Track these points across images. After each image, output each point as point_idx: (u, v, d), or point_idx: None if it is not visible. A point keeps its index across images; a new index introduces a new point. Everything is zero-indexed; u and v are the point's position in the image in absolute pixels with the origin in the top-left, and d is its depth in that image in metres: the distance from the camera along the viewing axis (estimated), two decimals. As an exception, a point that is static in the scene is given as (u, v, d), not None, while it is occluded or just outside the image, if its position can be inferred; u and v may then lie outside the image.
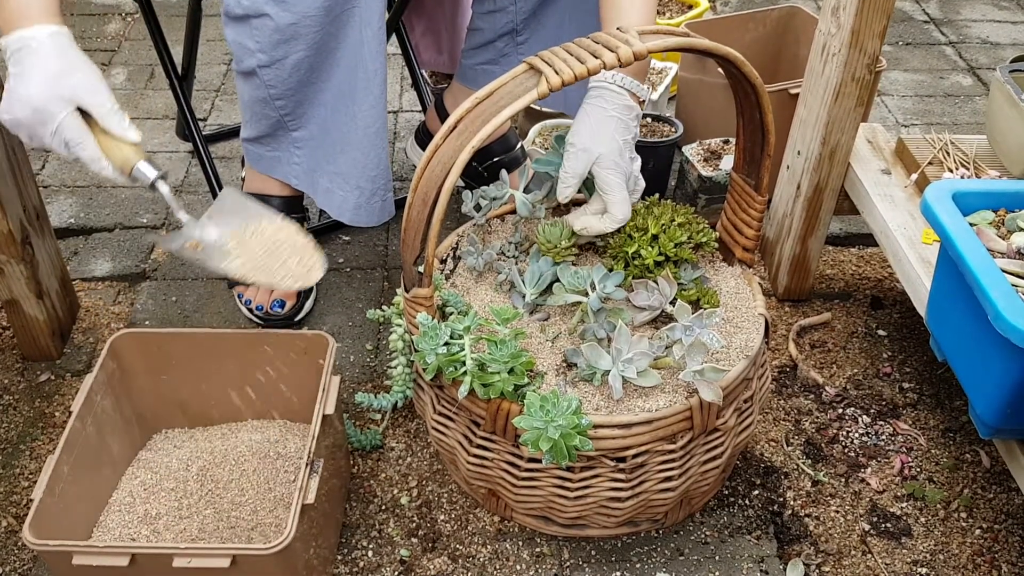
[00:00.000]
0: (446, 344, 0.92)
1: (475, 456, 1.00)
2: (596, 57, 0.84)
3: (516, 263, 1.11)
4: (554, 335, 1.02)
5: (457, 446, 1.01)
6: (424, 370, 0.95)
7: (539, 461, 0.96)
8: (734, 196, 1.08)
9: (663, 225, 1.06)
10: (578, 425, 0.88)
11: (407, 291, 0.95)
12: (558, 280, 1.05)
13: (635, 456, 0.95)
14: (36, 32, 0.95)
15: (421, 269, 0.92)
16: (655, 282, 1.02)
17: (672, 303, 1.01)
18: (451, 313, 1.00)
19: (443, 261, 1.12)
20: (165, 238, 1.11)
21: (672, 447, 0.95)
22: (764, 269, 1.49)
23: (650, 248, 1.05)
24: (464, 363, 0.92)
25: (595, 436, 0.92)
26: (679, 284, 1.05)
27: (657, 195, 1.13)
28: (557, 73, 0.84)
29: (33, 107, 0.94)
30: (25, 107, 0.95)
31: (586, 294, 1.02)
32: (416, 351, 0.95)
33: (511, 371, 0.92)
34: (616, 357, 0.94)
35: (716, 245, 1.11)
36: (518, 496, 1.00)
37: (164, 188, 1.01)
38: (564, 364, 1.00)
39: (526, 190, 1.16)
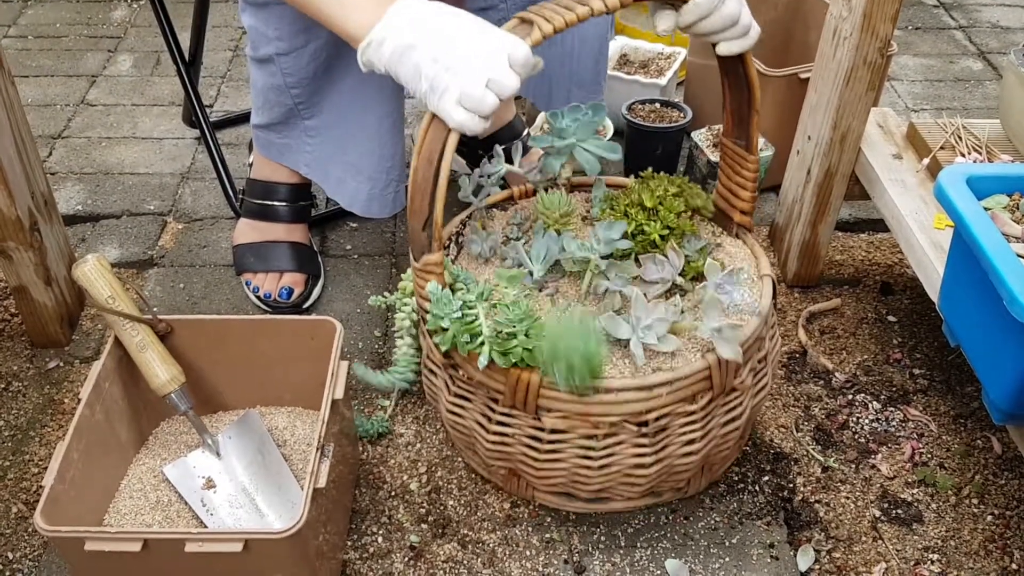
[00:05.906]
0: (460, 311, 0.92)
1: (495, 434, 0.99)
2: (584, 4, 0.88)
3: (521, 245, 1.10)
4: (565, 307, 1.02)
5: (476, 426, 1.01)
6: (438, 344, 0.94)
7: (562, 431, 0.95)
8: (727, 161, 1.08)
9: (659, 197, 1.06)
10: (589, 336, 0.89)
11: (416, 260, 0.94)
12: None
13: (657, 419, 0.95)
14: None
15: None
16: (663, 255, 1.03)
17: (682, 274, 1.03)
18: (460, 289, 1.00)
19: (446, 248, 1.11)
20: None
21: (693, 408, 0.96)
22: (774, 255, 1.48)
23: (653, 223, 1.05)
24: (480, 334, 0.92)
25: (617, 400, 0.92)
26: (684, 256, 1.05)
27: (650, 170, 1.13)
28: (548, 21, 0.86)
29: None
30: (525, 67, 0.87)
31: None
32: (426, 321, 0.94)
33: (527, 334, 0.91)
34: (636, 325, 0.94)
35: (712, 208, 1.11)
36: (541, 471, 1.00)
37: None
38: None
39: (520, 166, 1.16)
